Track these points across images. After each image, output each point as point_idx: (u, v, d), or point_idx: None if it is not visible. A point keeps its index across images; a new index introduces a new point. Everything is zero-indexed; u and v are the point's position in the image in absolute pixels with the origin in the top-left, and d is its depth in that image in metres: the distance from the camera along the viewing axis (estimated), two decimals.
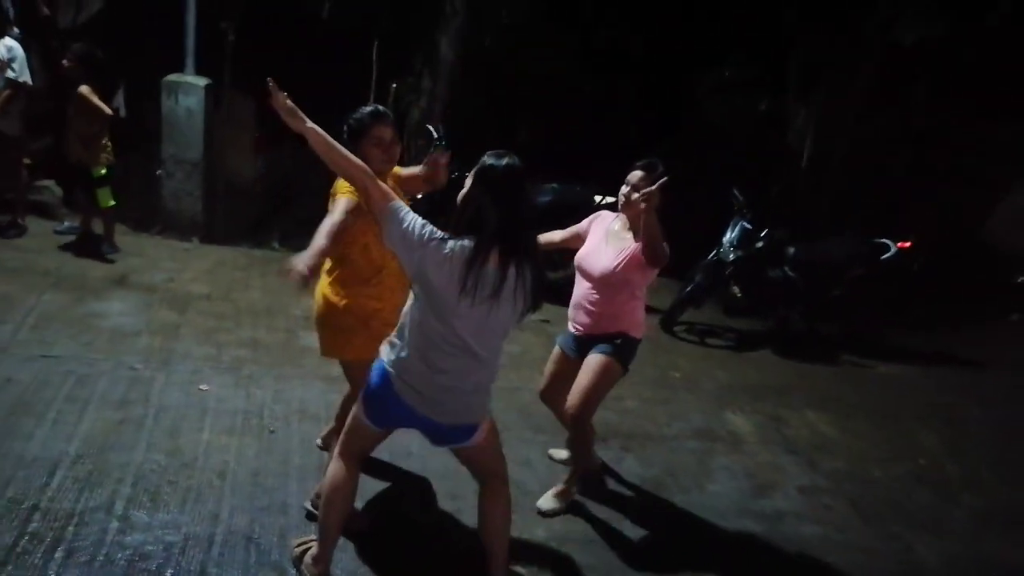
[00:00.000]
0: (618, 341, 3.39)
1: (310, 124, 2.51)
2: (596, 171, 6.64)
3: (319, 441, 3.69)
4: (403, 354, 2.54)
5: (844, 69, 8.21)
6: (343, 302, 3.07)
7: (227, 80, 7.39)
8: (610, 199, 6.39)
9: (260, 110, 7.76)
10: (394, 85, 8.04)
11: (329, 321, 3.15)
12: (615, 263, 3.29)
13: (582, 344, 3.46)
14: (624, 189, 3.32)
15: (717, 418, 4.81)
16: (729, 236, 5.95)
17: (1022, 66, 7.31)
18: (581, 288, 3.45)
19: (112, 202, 5.64)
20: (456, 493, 3.54)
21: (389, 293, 3.05)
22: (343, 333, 3.13)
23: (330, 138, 2.52)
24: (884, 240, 6.06)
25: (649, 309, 6.33)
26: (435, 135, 6.21)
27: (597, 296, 3.38)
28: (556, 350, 3.64)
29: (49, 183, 6.90)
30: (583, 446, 3.57)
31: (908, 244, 6.24)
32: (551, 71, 8.32)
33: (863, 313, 6.45)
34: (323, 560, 2.83)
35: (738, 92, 9.33)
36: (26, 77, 5.69)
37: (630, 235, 3.32)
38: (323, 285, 3.17)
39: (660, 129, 7.87)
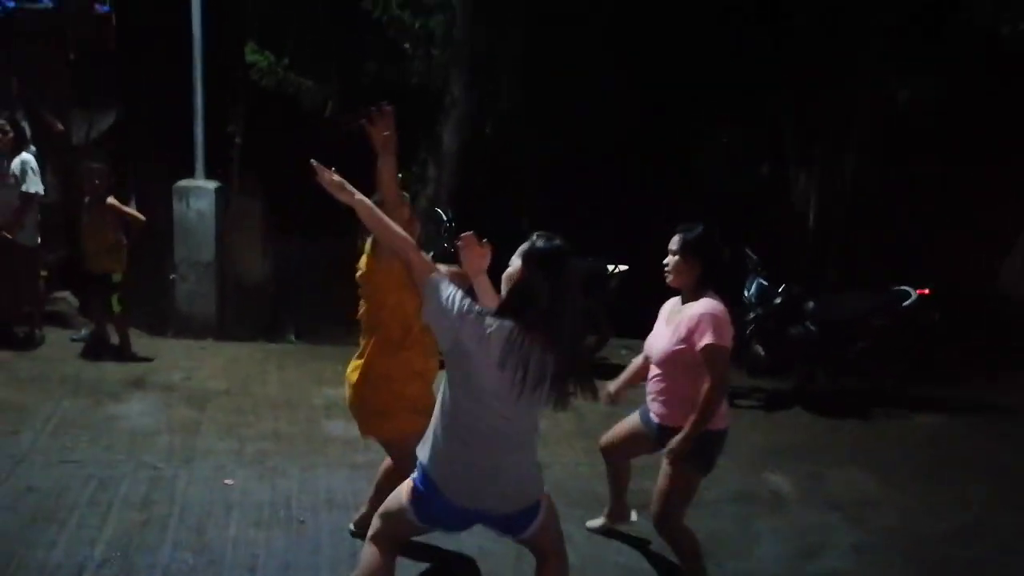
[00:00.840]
0: None
1: (358, 196, 2.51)
2: (604, 243, 6.72)
3: (351, 527, 3.56)
4: (442, 447, 2.43)
5: (838, 130, 8.39)
6: (382, 370, 3.10)
7: (236, 181, 7.58)
8: (623, 267, 6.42)
9: (267, 209, 7.94)
10: (400, 175, 8.21)
11: (366, 399, 3.16)
12: (671, 340, 3.13)
13: (662, 431, 3.24)
14: (667, 260, 3.20)
15: (756, 480, 4.65)
16: (747, 294, 5.92)
17: (1012, 120, 7.48)
18: (650, 375, 3.29)
19: (119, 307, 5.68)
20: (495, 572, 3.39)
21: (424, 356, 3.11)
22: (380, 411, 3.14)
23: (378, 211, 2.52)
24: (904, 287, 6.01)
25: None
26: (444, 218, 6.28)
27: (663, 383, 3.21)
28: (635, 415, 3.49)
29: (65, 294, 6.96)
30: (683, 556, 3.35)
31: (928, 291, 6.20)
32: (552, 152, 8.52)
33: (888, 365, 6.31)
34: None
35: (737, 158, 9.52)
36: (38, 188, 5.81)
37: (686, 307, 3.16)
38: (355, 366, 3.20)
39: (661, 199, 7.99)
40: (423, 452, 2.50)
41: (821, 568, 3.74)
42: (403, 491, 2.56)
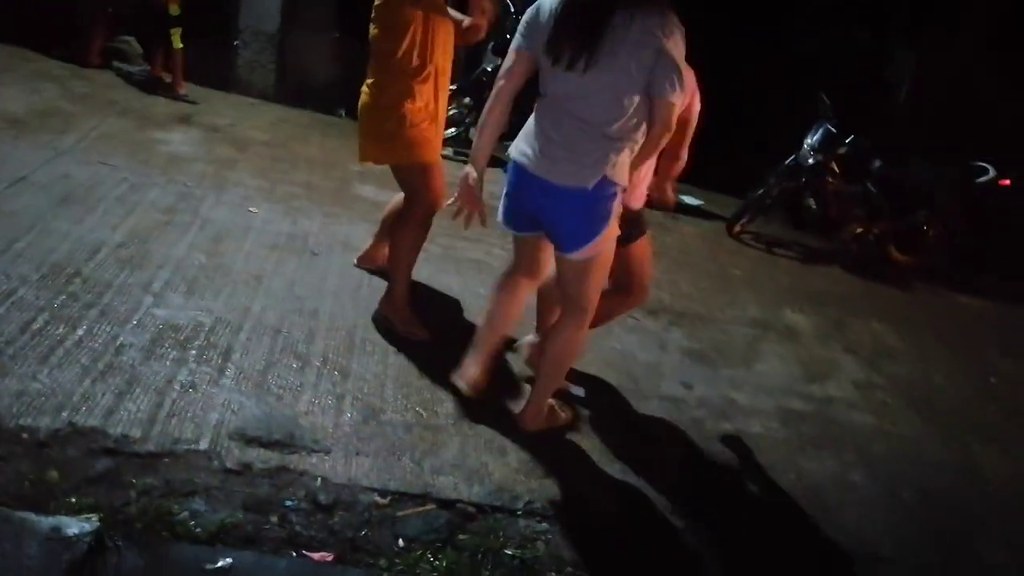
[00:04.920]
0: None
1: None
2: None
3: (355, 260, 3.63)
4: (528, 126, 2.49)
5: (951, 15, 7.60)
6: (393, 97, 2.95)
7: None
8: None
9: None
10: None
11: (374, 121, 3.04)
12: None
13: None
14: None
15: (774, 313, 4.56)
16: (810, 140, 5.57)
17: None
18: None
19: (181, 44, 5.68)
20: None
21: (431, 89, 2.99)
22: (387, 135, 3.01)
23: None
24: (984, 164, 5.60)
25: (715, 216, 6.09)
26: (511, 8, 5.96)
27: None
28: None
29: (130, 39, 6.97)
30: None
31: (1008, 182, 5.78)
32: None
33: (947, 243, 5.97)
34: (477, 364, 2.74)
35: (835, 25, 8.77)
36: None
37: None
38: (365, 89, 3.05)
39: (748, 53, 7.48)
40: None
41: (816, 391, 3.70)
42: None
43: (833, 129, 5.54)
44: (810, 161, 5.54)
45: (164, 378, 2.57)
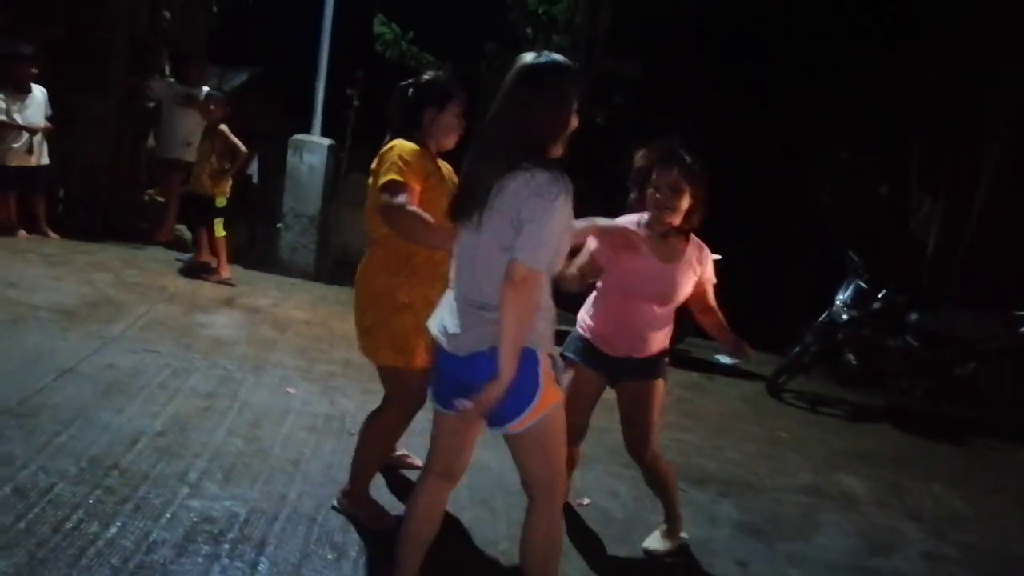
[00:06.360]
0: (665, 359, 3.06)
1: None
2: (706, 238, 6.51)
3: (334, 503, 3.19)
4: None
5: (971, 152, 7.84)
6: (372, 292, 2.81)
7: (349, 141, 7.88)
8: (715, 256, 6.20)
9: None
10: None
11: (359, 311, 2.90)
12: (691, 280, 2.94)
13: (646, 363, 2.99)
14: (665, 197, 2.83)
15: (827, 478, 4.36)
16: (842, 296, 5.57)
17: None
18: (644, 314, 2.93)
19: (224, 233, 5.99)
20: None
21: (419, 285, 2.71)
22: (372, 331, 2.85)
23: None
24: None
25: (753, 375, 6.00)
26: None
27: (660, 319, 2.95)
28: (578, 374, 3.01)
29: (181, 227, 7.43)
30: (665, 485, 3.19)
31: None
32: None
33: (998, 396, 5.79)
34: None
35: (854, 177, 9.07)
36: None
37: (689, 244, 2.98)
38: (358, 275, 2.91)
39: (772, 206, 7.71)
40: None
41: (883, 566, 3.45)
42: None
43: (864, 285, 5.55)
44: (844, 317, 5.51)
45: None
